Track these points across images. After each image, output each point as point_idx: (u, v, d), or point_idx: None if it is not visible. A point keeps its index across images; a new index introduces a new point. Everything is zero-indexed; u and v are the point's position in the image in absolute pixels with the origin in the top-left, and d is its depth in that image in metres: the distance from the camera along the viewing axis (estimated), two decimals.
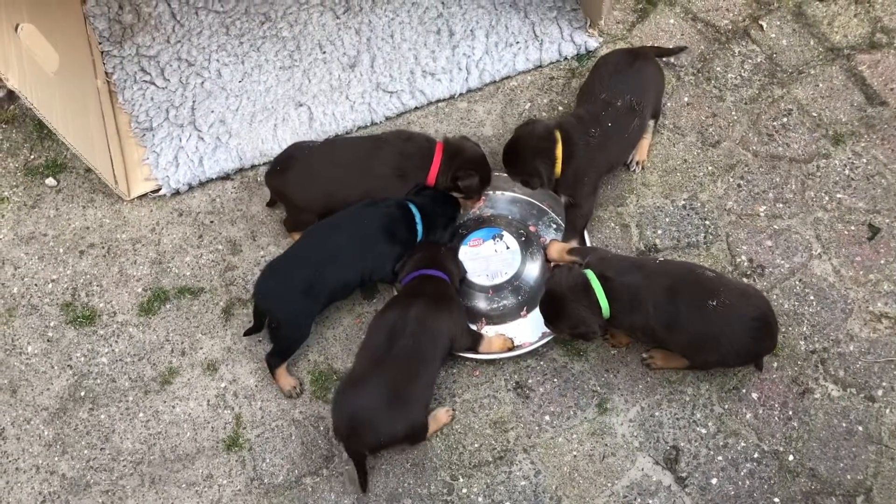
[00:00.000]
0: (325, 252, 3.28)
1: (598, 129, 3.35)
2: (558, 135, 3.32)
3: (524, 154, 3.34)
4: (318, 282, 3.25)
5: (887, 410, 3.16)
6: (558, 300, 3.08)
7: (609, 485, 3.14)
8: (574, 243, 3.43)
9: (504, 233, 3.50)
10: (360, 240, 3.31)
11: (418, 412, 3.08)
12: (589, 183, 3.39)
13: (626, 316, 3.06)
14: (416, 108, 3.91)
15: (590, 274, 3.06)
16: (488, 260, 3.45)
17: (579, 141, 3.33)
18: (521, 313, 3.44)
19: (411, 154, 3.43)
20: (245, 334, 3.43)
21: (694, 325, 2.98)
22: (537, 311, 3.37)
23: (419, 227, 3.36)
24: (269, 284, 3.29)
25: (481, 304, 3.45)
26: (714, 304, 2.94)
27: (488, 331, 3.39)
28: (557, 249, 3.39)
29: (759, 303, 3.03)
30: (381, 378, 3.02)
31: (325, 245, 3.30)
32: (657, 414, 3.23)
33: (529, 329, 3.40)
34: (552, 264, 3.41)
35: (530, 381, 3.32)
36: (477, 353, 3.30)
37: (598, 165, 3.39)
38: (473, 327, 3.38)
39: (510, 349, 3.31)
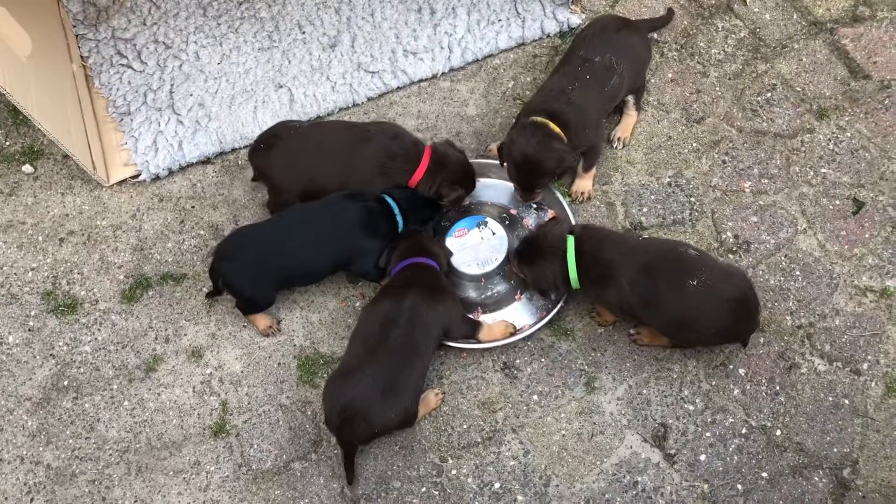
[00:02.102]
0: (294, 233, 3.26)
1: (576, 83, 3.36)
2: (544, 119, 3.28)
3: (542, 154, 3.26)
4: (278, 260, 3.24)
5: (873, 383, 3.18)
6: (534, 252, 3.16)
7: (598, 463, 3.14)
8: (594, 170, 3.53)
9: (488, 219, 3.47)
10: (333, 230, 3.27)
11: (411, 402, 3.06)
12: (592, 128, 3.41)
13: (599, 290, 3.09)
14: (399, 87, 3.87)
15: (570, 241, 3.08)
16: (476, 248, 3.42)
17: (562, 105, 3.33)
18: (516, 297, 3.42)
19: (397, 154, 3.37)
20: (206, 296, 3.41)
21: (672, 304, 2.98)
22: (531, 293, 3.38)
23: (399, 220, 3.33)
24: (228, 249, 3.28)
25: (474, 293, 3.43)
26: (694, 283, 2.93)
27: (485, 319, 3.36)
28: (583, 183, 3.54)
29: (741, 283, 3.02)
30: (374, 368, 2.98)
31: (296, 227, 3.27)
32: (645, 392, 3.23)
33: (526, 312, 3.39)
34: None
35: (518, 361, 3.31)
36: (479, 341, 3.26)
37: (590, 112, 3.39)
38: (471, 316, 3.34)
39: (512, 334, 3.29)
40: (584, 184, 3.53)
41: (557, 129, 3.28)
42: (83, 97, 3.88)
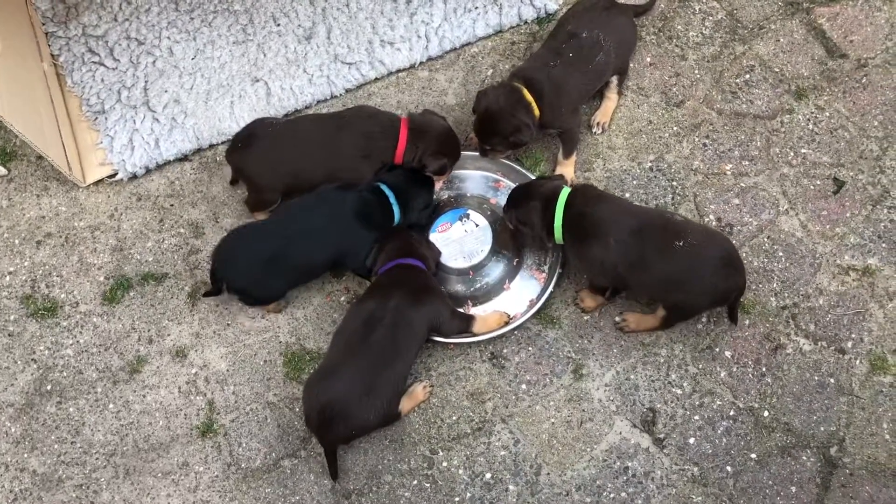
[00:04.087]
0: (294, 229, 3.21)
1: (559, 59, 3.37)
2: (520, 84, 3.33)
3: (502, 115, 3.31)
4: (282, 257, 3.19)
5: (857, 361, 3.20)
6: (525, 196, 3.19)
7: (588, 450, 3.15)
8: (573, 157, 3.52)
9: (469, 211, 3.44)
10: (332, 222, 3.23)
11: (390, 404, 3.05)
12: (566, 111, 3.42)
13: (584, 248, 3.09)
14: (377, 78, 3.83)
15: (564, 193, 3.11)
16: (461, 242, 3.39)
17: (542, 77, 3.34)
18: (505, 286, 3.40)
19: (375, 134, 3.34)
20: (204, 295, 3.36)
21: (660, 266, 2.99)
22: (521, 280, 3.40)
23: (395, 210, 3.29)
24: (229, 250, 3.24)
25: (464, 286, 3.41)
26: (680, 244, 2.95)
27: (477, 311, 3.34)
28: (565, 170, 3.53)
29: (724, 243, 3.05)
30: (354, 369, 2.97)
31: (295, 223, 3.23)
32: (632, 377, 3.24)
33: (516, 300, 3.38)
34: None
35: (505, 350, 3.30)
36: (474, 334, 3.25)
37: (568, 92, 3.39)
38: (461, 311, 3.31)
39: (507, 323, 3.28)
40: (565, 171, 3.52)
41: (531, 99, 3.30)
42: (55, 96, 3.81)
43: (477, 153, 3.55)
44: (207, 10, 3.98)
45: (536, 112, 3.33)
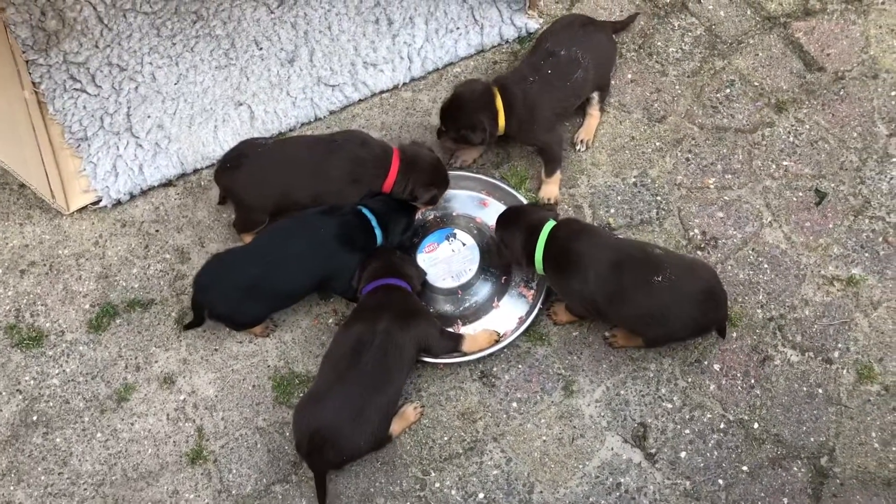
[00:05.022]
0: (276, 255, 3.20)
1: (537, 76, 3.42)
2: (496, 90, 3.39)
3: (466, 108, 3.39)
4: (264, 282, 3.18)
5: (844, 371, 3.22)
6: (513, 220, 3.23)
7: (580, 466, 3.14)
8: (558, 174, 3.55)
9: (456, 231, 3.45)
10: (315, 247, 3.23)
11: (381, 429, 3.04)
12: (541, 127, 3.46)
13: (564, 280, 3.11)
14: (360, 100, 3.84)
15: (548, 225, 3.13)
16: (449, 262, 3.40)
17: (517, 91, 3.40)
18: (494, 304, 3.41)
19: (366, 160, 3.34)
20: (185, 328, 3.35)
21: (637, 301, 3.00)
22: (509, 298, 3.40)
23: (377, 232, 3.30)
24: (211, 277, 3.22)
25: (452, 306, 3.40)
26: (658, 279, 2.96)
27: (467, 330, 3.34)
28: (549, 189, 3.56)
29: (706, 275, 3.05)
30: (344, 393, 2.95)
31: (276, 248, 3.22)
32: (623, 392, 3.24)
33: (506, 318, 3.38)
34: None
35: (495, 369, 3.30)
36: (464, 353, 3.24)
37: (542, 110, 3.43)
38: (450, 330, 3.32)
39: (497, 341, 3.28)
40: (549, 189, 3.54)
41: (500, 107, 3.37)
42: (37, 124, 3.79)
43: (462, 172, 3.57)
44: (189, 35, 3.98)
45: (501, 122, 3.38)
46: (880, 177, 3.52)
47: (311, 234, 3.24)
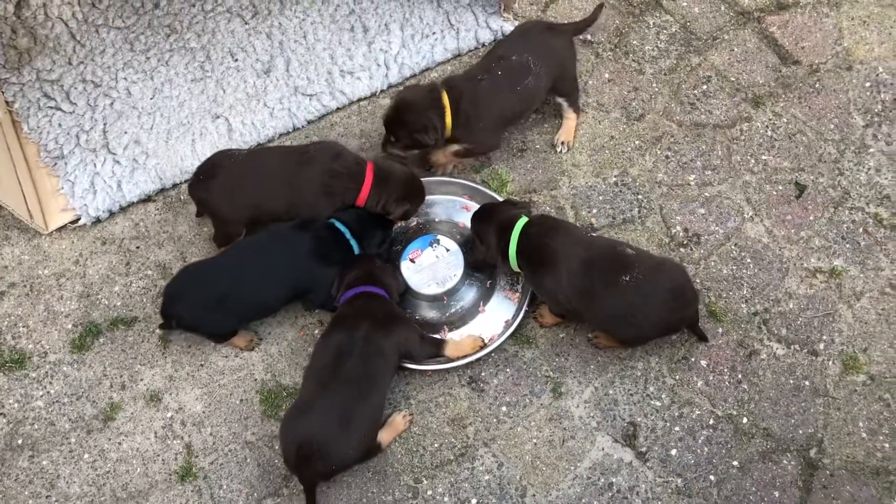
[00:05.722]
0: (246, 268, 3.21)
1: (487, 75, 3.42)
2: (443, 89, 3.40)
3: (415, 110, 3.38)
4: (232, 295, 3.18)
5: (830, 363, 3.24)
6: (486, 218, 3.23)
7: (572, 468, 3.14)
8: (467, 160, 3.61)
9: (439, 237, 3.43)
10: (287, 262, 3.23)
11: (369, 436, 3.02)
12: (484, 127, 3.46)
13: (538, 277, 3.13)
14: (338, 108, 3.83)
15: (520, 221, 3.13)
16: (433, 268, 3.38)
17: (465, 88, 3.40)
18: (480, 309, 3.40)
19: (340, 173, 3.32)
20: (159, 327, 3.36)
21: (607, 301, 3.01)
22: (495, 302, 3.40)
23: (353, 244, 3.29)
24: (179, 288, 3.22)
25: (438, 312, 3.40)
26: (626, 279, 2.96)
27: (453, 336, 3.34)
28: (443, 154, 3.58)
29: (674, 274, 3.06)
30: (329, 402, 2.94)
31: (247, 261, 3.23)
32: (611, 392, 3.24)
33: (492, 322, 3.37)
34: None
35: (483, 373, 3.30)
36: (449, 358, 3.23)
37: (489, 110, 3.42)
38: (437, 336, 3.31)
39: (482, 347, 3.27)
40: (440, 157, 3.58)
41: (447, 105, 3.36)
42: (12, 144, 3.75)
43: (444, 178, 3.57)
44: (163, 48, 3.96)
45: (449, 121, 3.38)
46: (858, 168, 3.55)
47: (282, 248, 3.24)
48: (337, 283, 3.23)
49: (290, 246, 3.24)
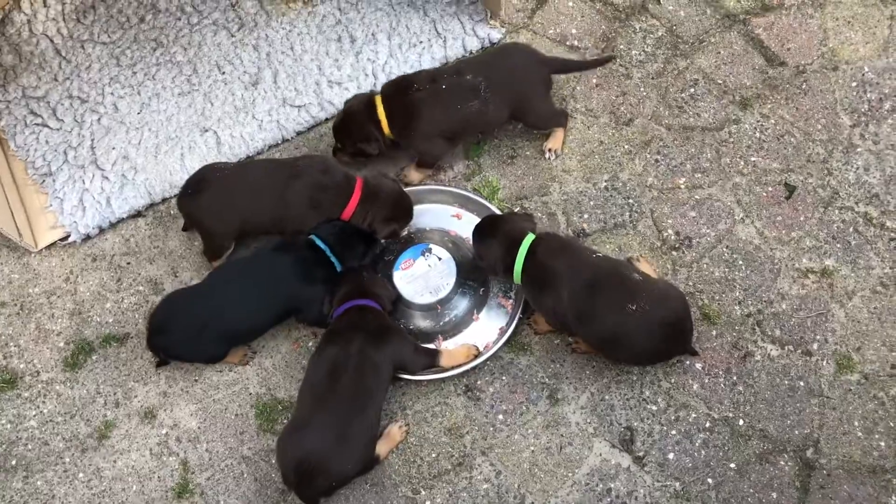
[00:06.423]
0: (227, 293, 3.20)
1: (428, 86, 3.40)
2: (378, 98, 3.41)
3: (356, 121, 3.43)
4: (217, 322, 3.16)
5: (824, 363, 3.25)
6: (491, 231, 3.21)
7: (570, 475, 3.14)
8: (425, 169, 3.60)
9: (431, 246, 3.42)
10: (270, 284, 3.21)
11: (368, 449, 3.01)
12: (420, 135, 3.45)
13: (538, 295, 3.12)
14: (327, 119, 3.81)
15: (528, 239, 3.11)
16: (426, 277, 3.37)
17: (401, 98, 3.41)
18: (474, 317, 3.39)
19: (328, 187, 3.31)
20: (157, 367, 3.33)
21: (607, 323, 3.00)
22: (489, 309, 3.40)
23: (335, 261, 3.26)
24: (163, 319, 3.20)
25: (432, 322, 3.38)
26: (633, 307, 2.95)
27: (447, 345, 3.33)
28: (412, 174, 3.62)
29: (676, 306, 3.05)
30: (326, 419, 2.92)
31: (228, 286, 3.22)
32: (607, 397, 3.24)
33: (486, 330, 3.37)
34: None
35: (479, 382, 3.29)
36: (443, 368, 3.22)
37: (423, 123, 3.41)
38: (432, 346, 3.30)
39: (476, 356, 3.26)
40: (412, 175, 3.61)
41: (382, 116, 3.39)
42: None
43: (435, 186, 3.57)
44: (150, 62, 3.94)
45: (386, 129, 3.42)
46: (847, 167, 3.56)
47: (265, 272, 3.23)
48: (328, 300, 3.21)
49: (272, 269, 3.23)
